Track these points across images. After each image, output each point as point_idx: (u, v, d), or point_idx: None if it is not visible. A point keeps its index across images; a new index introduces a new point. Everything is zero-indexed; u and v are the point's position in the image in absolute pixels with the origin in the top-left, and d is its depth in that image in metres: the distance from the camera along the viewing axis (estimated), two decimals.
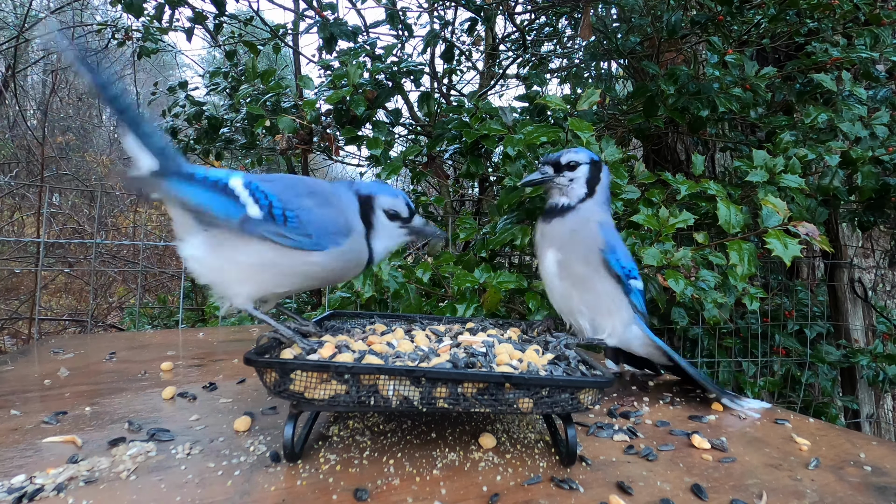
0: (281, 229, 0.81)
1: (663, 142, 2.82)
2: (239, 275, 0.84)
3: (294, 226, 0.82)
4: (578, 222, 1.05)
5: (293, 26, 2.90)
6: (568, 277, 1.06)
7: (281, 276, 0.85)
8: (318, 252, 0.83)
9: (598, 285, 1.04)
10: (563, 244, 1.06)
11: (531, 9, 3.42)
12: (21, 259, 4.72)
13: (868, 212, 2.02)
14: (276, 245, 0.82)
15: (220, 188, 0.83)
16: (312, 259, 0.83)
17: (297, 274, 0.85)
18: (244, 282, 0.84)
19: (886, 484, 0.71)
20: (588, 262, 1.03)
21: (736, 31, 2.37)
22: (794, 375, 2.43)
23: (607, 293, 1.04)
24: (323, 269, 0.86)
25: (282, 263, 0.83)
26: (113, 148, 7.98)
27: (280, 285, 0.86)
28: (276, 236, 0.81)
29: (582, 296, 1.05)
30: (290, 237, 0.81)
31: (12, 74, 4.53)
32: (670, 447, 0.80)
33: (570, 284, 1.06)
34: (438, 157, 2.36)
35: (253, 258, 0.82)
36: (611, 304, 1.04)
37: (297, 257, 0.83)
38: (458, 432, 0.82)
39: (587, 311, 1.06)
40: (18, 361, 1.22)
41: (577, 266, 1.04)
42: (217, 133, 2.74)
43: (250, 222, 0.81)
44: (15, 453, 0.72)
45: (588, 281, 1.04)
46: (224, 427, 0.82)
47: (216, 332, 1.68)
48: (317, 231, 0.83)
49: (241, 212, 0.81)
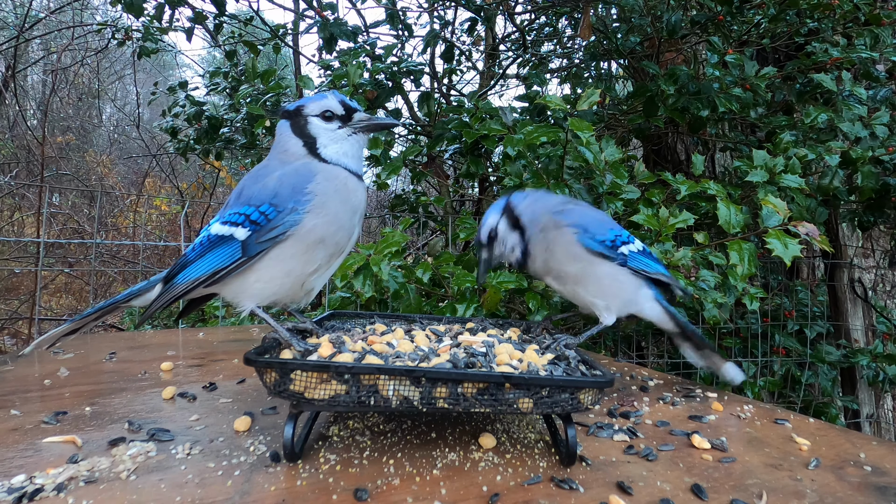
0: (270, 227, 0.81)
1: (663, 142, 2.82)
2: (264, 288, 0.84)
3: (274, 215, 0.81)
4: (542, 241, 1.02)
5: (293, 26, 2.90)
6: (568, 282, 1.06)
7: (301, 263, 0.84)
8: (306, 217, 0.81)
9: (597, 271, 1.02)
10: (545, 264, 1.04)
11: (531, 9, 3.43)
12: (21, 259, 4.72)
13: (868, 212, 2.02)
14: (278, 245, 0.82)
15: (208, 244, 0.84)
16: (308, 227, 0.82)
17: (312, 247, 0.83)
18: (270, 290, 0.85)
19: (886, 484, 0.71)
20: (574, 257, 1.01)
21: (736, 31, 2.37)
22: (794, 375, 2.43)
23: (606, 274, 1.02)
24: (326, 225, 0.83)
25: (294, 251, 0.83)
26: (113, 148, 7.99)
27: (306, 269, 0.85)
28: (271, 233, 0.81)
29: (587, 289, 1.04)
30: (281, 224, 0.81)
31: (12, 74, 4.53)
32: (670, 447, 0.80)
33: (573, 286, 1.06)
34: (438, 157, 2.36)
35: (269, 271, 0.83)
36: (613, 282, 1.03)
37: (300, 236, 0.82)
38: (458, 432, 0.82)
39: (600, 301, 1.04)
40: (18, 361, 1.22)
41: (567, 267, 1.03)
42: (217, 133, 2.74)
43: (249, 246, 0.81)
44: (15, 453, 0.71)
45: (586, 274, 1.03)
46: (224, 427, 0.82)
47: (216, 332, 1.68)
48: (287, 197, 0.81)
49: (237, 245, 0.81)
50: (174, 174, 6.00)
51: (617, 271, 1.02)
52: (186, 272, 0.84)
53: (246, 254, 0.81)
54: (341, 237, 0.86)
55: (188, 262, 0.85)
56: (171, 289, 0.85)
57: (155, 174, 6.58)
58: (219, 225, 0.85)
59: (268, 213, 0.81)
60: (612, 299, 1.04)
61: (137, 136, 6.07)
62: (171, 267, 0.89)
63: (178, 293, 0.84)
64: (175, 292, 0.84)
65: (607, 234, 1.01)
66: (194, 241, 0.89)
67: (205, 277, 0.83)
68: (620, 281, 1.03)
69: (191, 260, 0.85)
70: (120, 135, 8.46)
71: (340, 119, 0.87)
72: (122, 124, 8.53)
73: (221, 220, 0.85)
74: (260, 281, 0.84)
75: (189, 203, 4.52)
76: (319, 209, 0.81)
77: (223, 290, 0.87)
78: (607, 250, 1.00)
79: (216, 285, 0.85)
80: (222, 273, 0.82)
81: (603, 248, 1.00)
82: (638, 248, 1.06)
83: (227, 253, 0.82)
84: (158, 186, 6.67)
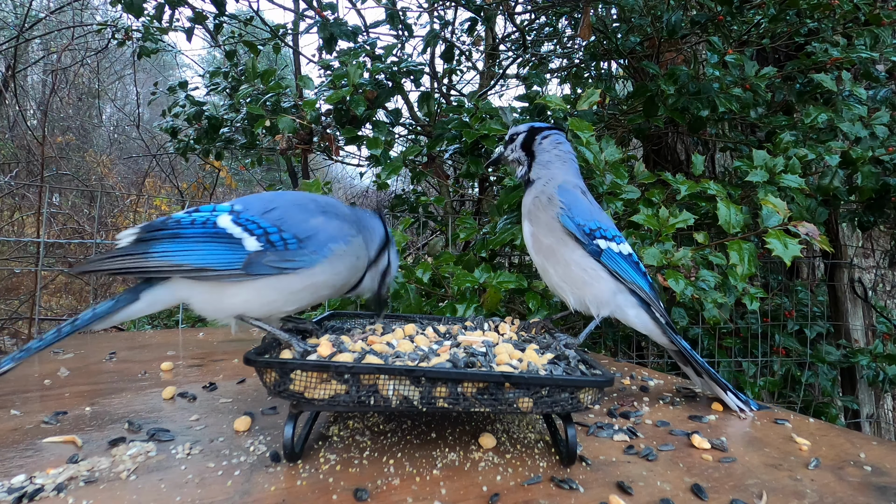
0: (285, 256, 0.79)
1: (663, 142, 2.82)
2: (238, 305, 0.81)
3: (294, 248, 0.80)
4: (539, 188, 1.06)
5: (293, 26, 2.90)
6: (541, 251, 1.04)
7: (288, 300, 0.83)
8: (319, 264, 0.81)
9: (567, 254, 1.00)
10: (529, 213, 1.06)
11: (531, 9, 3.43)
12: (21, 259, 4.72)
13: (868, 212, 2.02)
14: (280, 274, 0.80)
15: (211, 231, 0.79)
16: (317, 271, 0.82)
17: (309, 287, 0.83)
18: (250, 310, 0.82)
19: (886, 484, 0.71)
20: (552, 230, 1.01)
21: (736, 31, 2.37)
22: (794, 375, 2.43)
23: (575, 262, 0.99)
24: (330, 276, 0.84)
25: (291, 288, 0.81)
26: (113, 148, 7.99)
27: (287, 307, 0.84)
28: (283, 263, 0.79)
29: (555, 269, 1.02)
30: (295, 260, 0.80)
31: (12, 74, 4.53)
32: (670, 447, 0.80)
33: (543, 258, 1.04)
34: (438, 157, 2.36)
35: (255, 293, 0.80)
36: (582, 273, 0.99)
37: (307, 275, 0.81)
38: (458, 432, 0.82)
39: (566, 286, 1.02)
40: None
41: (543, 237, 1.03)
42: (217, 133, 2.74)
43: (253, 264, 0.78)
44: (15, 453, 0.71)
45: (556, 251, 1.01)
46: (224, 427, 0.82)
47: (216, 332, 1.68)
48: (318, 243, 0.81)
49: (242, 256, 0.78)
50: (174, 174, 6.00)
51: (587, 261, 0.99)
52: (170, 250, 0.77)
53: (246, 269, 0.78)
54: (324, 295, 0.90)
55: (179, 236, 0.79)
56: (142, 258, 0.76)
57: (155, 174, 6.58)
58: (229, 220, 0.81)
59: (289, 242, 0.80)
60: (579, 289, 1.01)
61: (137, 136, 6.07)
62: (152, 224, 0.81)
63: (148, 267, 0.77)
64: (145, 265, 0.76)
65: (589, 222, 1.00)
66: (193, 214, 0.83)
67: (189, 268, 0.77)
68: (589, 273, 0.99)
69: (183, 235, 0.79)
70: (120, 135, 8.46)
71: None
72: (122, 124, 8.53)
73: (235, 219, 0.81)
74: (238, 297, 0.80)
75: (189, 203, 4.52)
76: (333, 263, 0.84)
77: (194, 294, 0.81)
78: (581, 235, 0.99)
79: (192, 282, 0.79)
80: (209, 273, 0.78)
81: (576, 231, 0.99)
82: (620, 251, 1.01)
83: (227, 257, 0.78)
84: (158, 186, 6.67)
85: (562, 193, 1.03)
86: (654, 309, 1.02)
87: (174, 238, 0.79)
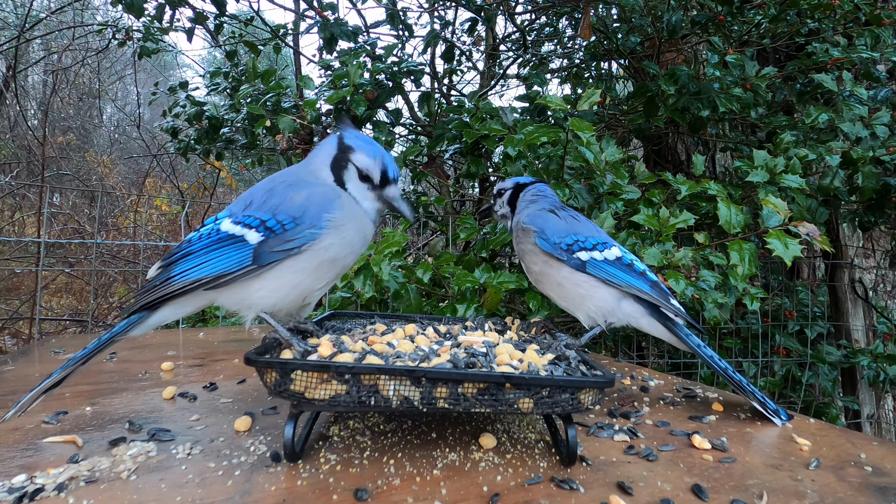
0: (286, 237, 0.80)
1: (664, 142, 2.82)
2: (267, 297, 0.83)
3: (291, 226, 0.81)
4: (516, 230, 1.13)
5: (293, 26, 2.90)
6: (539, 280, 1.08)
7: (311, 279, 0.84)
8: (324, 234, 0.82)
9: (556, 275, 1.02)
10: (518, 251, 1.12)
11: (531, 9, 3.42)
12: (21, 259, 4.72)
13: (869, 212, 2.02)
14: (289, 257, 0.81)
15: (216, 239, 0.82)
16: (325, 244, 0.82)
17: (324, 264, 0.84)
18: (280, 298, 0.83)
19: (887, 484, 0.71)
20: (536, 256, 1.05)
21: (736, 32, 2.37)
22: (795, 376, 2.43)
23: (566, 279, 1.01)
24: (341, 246, 0.84)
25: (306, 266, 0.82)
26: (113, 148, 8.00)
27: (315, 285, 0.85)
28: (286, 245, 0.80)
29: (555, 292, 1.05)
30: (296, 239, 0.80)
31: (13, 74, 4.53)
32: (671, 447, 0.80)
33: (543, 287, 1.08)
34: (439, 157, 2.36)
35: (277, 282, 0.82)
36: (576, 288, 1.00)
37: (315, 251, 0.82)
38: (458, 432, 0.82)
39: (569, 304, 1.04)
40: (19, 361, 1.22)
41: (533, 265, 1.07)
42: (217, 133, 2.74)
43: (261, 255, 0.79)
44: (15, 453, 0.72)
45: (547, 275, 1.04)
46: (224, 427, 0.82)
47: (216, 332, 1.68)
48: (312, 217, 0.82)
49: (249, 251, 0.79)
50: (175, 174, 6.00)
51: (575, 276, 1.00)
52: (187, 269, 0.80)
53: (257, 262, 0.79)
54: (350, 261, 0.90)
55: (191, 252, 0.82)
56: (167, 285, 0.80)
57: (155, 174, 6.58)
58: (230, 223, 0.83)
59: (285, 224, 0.81)
60: (581, 304, 1.02)
61: (138, 136, 6.07)
62: (170, 252, 0.85)
63: (173, 290, 0.80)
64: (170, 289, 0.80)
65: (564, 238, 1.01)
66: (200, 230, 0.86)
67: (208, 279, 0.79)
68: (583, 287, 1.00)
69: (194, 251, 0.82)
70: (120, 135, 8.46)
71: (373, 186, 0.90)
72: (123, 124, 8.53)
73: (234, 219, 0.83)
74: (264, 290, 0.82)
75: (190, 203, 4.52)
76: (337, 230, 0.83)
77: (221, 297, 0.84)
78: (559, 252, 1.00)
79: (215, 290, 0.82)
80: (228, 278, 0.80)
81: (553, 250, 1.00)
82: (605, 257, 1.00)
83: (237, 257, 0.80)
84: (159, 186, 6.66)
85: (530, 220, 1.08)
86: (665, 309, 1.00)
87: (187, 255, 0.82)
